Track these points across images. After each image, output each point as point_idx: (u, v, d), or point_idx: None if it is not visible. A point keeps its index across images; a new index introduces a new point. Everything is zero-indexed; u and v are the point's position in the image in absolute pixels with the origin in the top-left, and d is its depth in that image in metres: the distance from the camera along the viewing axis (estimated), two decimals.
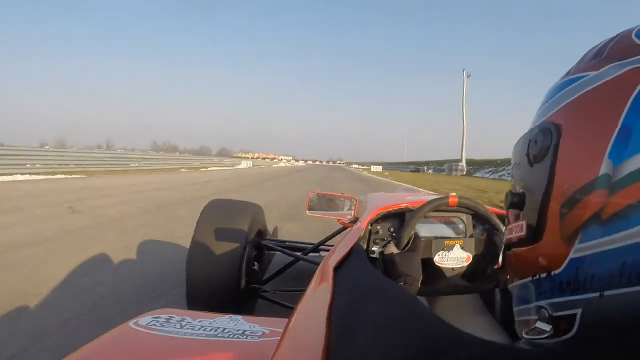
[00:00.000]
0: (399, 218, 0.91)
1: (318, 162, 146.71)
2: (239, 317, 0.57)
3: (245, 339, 0.48)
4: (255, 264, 1.80)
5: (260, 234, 1.90)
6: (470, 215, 0.90)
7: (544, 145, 0.29)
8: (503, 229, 0.83)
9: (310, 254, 2.03)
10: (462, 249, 0.83)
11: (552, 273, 0.27)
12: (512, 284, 0.34)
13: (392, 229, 0.88)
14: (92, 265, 2.55)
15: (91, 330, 1.60)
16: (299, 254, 1.94)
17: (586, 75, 0.28)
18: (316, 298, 0.48)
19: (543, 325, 0.28)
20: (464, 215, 0.90)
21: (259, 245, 1.88)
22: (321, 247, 2.04)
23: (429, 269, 0.83)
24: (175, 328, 0.51)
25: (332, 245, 0.96)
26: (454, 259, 0.82)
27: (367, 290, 0.43)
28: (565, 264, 0.26)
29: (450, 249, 0.82)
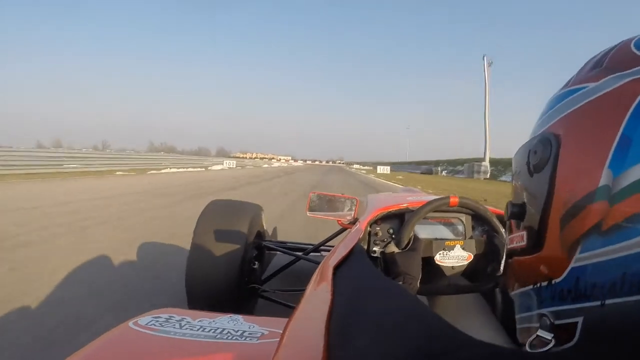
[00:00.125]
0: (399, 219, 0.91)
1: (318, 162, 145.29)
2: (239, 317, 0.57)
3: (244, 340, 0.48)
4: (256, 263, 1.80)
5: (260, 234, 1.89)
6: (469, 216, 0.90)
7: (544, 155, 0.29)
8: (502, 230, 0.83)
9: (310, 254, 2.02)
10: (463, 249, 0.83)
11: (553, 281, 0.27)
12: (514, 292, 0.34)
13: (392, 230, 0.88)
14: None
15: None
16: (299, 254, 1.95)
17: (586, 87, 0.28)
18: (316, 298, 0.48)
19: (544, 334, 0.28)
20: (464, 216, 0.90)
21: (259, 246, 1.88)
22: (321, 248, 2.04)
23: (429, 268, 0.82)
24: (174, 328, 0.51)
25: (332, 247, 0.96)
26: (455, 257, 0.82)
27: (367, 290, 0.43)
28: (566, 273, 0.26)
29: (451, 249, 0.82)
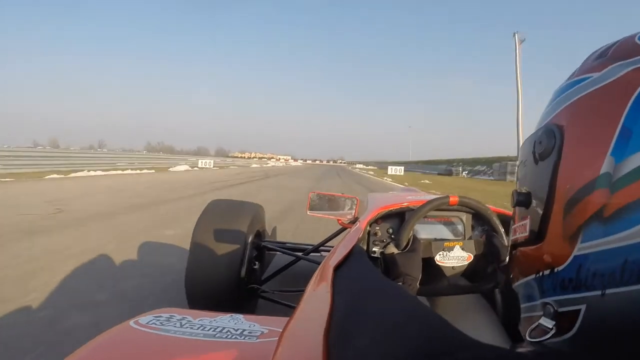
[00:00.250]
0: (399, 218, 0.91)
1: (318, 162, 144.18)
2: (240, 317, 0.57)
3: (244, 339, 0.49)
4: (257, 263, 1.80)
5: (260, 234, 1.90)
6: (469, 215, 0.90)
7: (548, 145, 0.30)
8: (502, 230, 0.83)
9: (310, 254, 2.02)
10: (463, 249, 0.83)
11: (556, 270, 0.27)
12: (518, 282, 0.34)
13: (391, 230, 0.88)
14: None
15: None
16: (299, 254, 1.95)
17: (589, 77, 0.29)
18: (316, 298, 0.48)
19: (547, 322, 0.28)
20: (464, 216, 0.90)
21: (259, 246, 1.88)
22: (321, 248, 2.04)
23: (429, 268, 0.82)
24: (175, 327, 0.51)
25: (332, 247, 0.96)
26: (456, 257, 0.82)
27: (367, 290, 0.43)
28: (568, 261, 0.26)
29: (450, 249, 0.82)
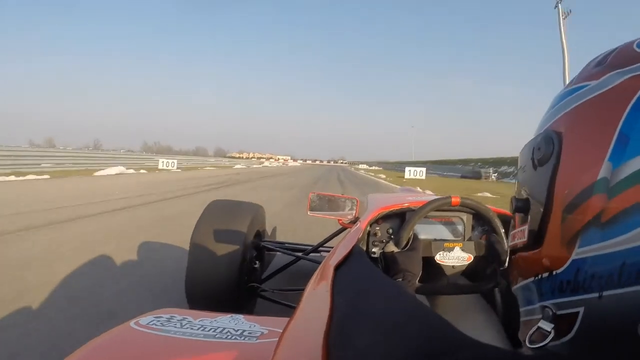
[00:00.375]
0: (400, 218, 0.91)
1: (318, 162, 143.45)
2: (240, 317, 0.57)
3: (244, 340, 0.49)
4: (257, 262, 1.80)
5: (260, 234, 1.90)
6: (470, 216, 0.90)
7: (547, 151, 0.30)
8: (502, 231, 0.83)
9: (310, 254, 2.02)
10: (462, 250, 0.83)
11: (554, 272, 0.27)
12: (517, 285, 0.35)
13: (391, 230, 0.88)
14: None
15: None
16: (299, 254, 1.95)
17: (588, 85, 0.29)
18: (316, 298, 0.48)
19: (545, 325, 0.28)
20: (465, 216, 0.90)
21: (259, 246, 1.88)
22: (320, 249, 2.04)
23: (429, 267, 0.83)
24: (175, 328, 0.51)
25: (332, 247, 0.96)
26: (455, 258, 0.82)
27: (367, 289, 0.43)
28: (566, 265, 0.26)
29: (450, 250, 0.83)
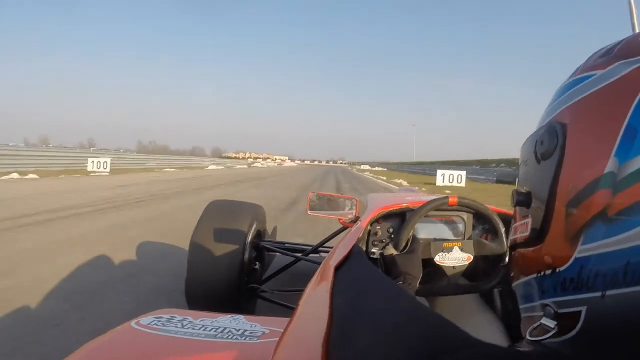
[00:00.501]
0: (399, 218, 0.91)
1: (317, 162, 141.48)
2: (241, 317, 0.57)
3: (245, 339, 0.49)
4: (257, 263, 1.80)
5: (260, 234, 1.90)
6: (470, 215, 0.90)
7: (550, 144, 0.29)
8: (502, 229, 0.83)
9: (310, 255, 2.02)
10: (461, 250, 0.83)
11: (557, 270, 0.27)
12: (517, 282, 0.34)
13: (391, 230, 0.88)
14: None
15: None
16: (299, 254, 1.95)
17: (593, 75, 0.28)
18: (316, 298, 0.48)
19: (548, 322, 0.28)
20: (465, 215, 0.90)
21: (259, 246, 1.88)
22: (320, 249, 2.04)
23: (429, 268, 0.83)
24: (176, 328, 0.51)
25: (332, 247, 0.96)
26: (454, 259, 0.82)
27: (367, 290, 0.43)
28: (570, 262, 0.26)
29: (449, 250, 0.82)
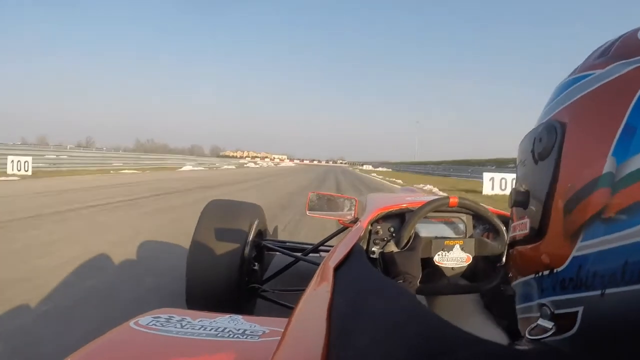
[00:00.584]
0: (399, 218, 0.92)
1: (316, 162, 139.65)
2: (239, 317, 0.57)
3: (246, 338, 0.48)
4: (256, 264, 1.80)
5: (261, 234, 1.90)
6: (470, 216, 0.91)
7: (549, 143, 0.29)
8: (503, 229, 0.83)
9: (310, 254, 2.03)
10: (462, 249, 0.83)
11: (555, 270, 0.27)
12: (515, 282, 0.34)
13: (392, 229, 0.88)
14: None
15: None
16: (299, 254, 1.95)
17: (592, 74, 0.28)
18: (316, 298, 0.48)
19: (545, 323, 0.28)
20: (465, 216, 0.90)
21: (259, 246, 1.88)
22: (321, 248, 2.05)
23: (429, 268, 0.83)
24: (175, 328, 0.51)
25: (332, 246, 0.96)
26: (454, 259, 0.83)
27: (367, 290, 0.43)
28: (567, 262, 0.26)
29: (450, 249, 0.83)
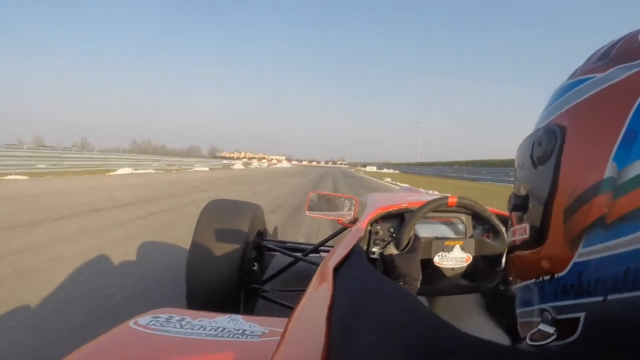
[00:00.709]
0: (399, 218, 0.92)
1: (315, 163, 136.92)
2: (239, 317, 0.57)
3: (246, 338, 0.48)
4: (255, 264, 1.80)
5: (261, 234, 1.90)
6: (470, 216, 0.91)
7: (548, 147, 0.29)
8: (503, 229, 0.83)
9: (310, 254, 2.03)
10: (462, 249, 0.83)
11: (556, 276, 0.27)
12: (515, 286, 0.34)
13: (392, 229, 0.88)
14: None
15: None
16: (299, 254, 1.95)
17: (592, 77, 0.28)
18: (316, 298, 0.48)
19: (547, 328, 0.27)
20: (464, 216, 0.90)
21: (259, 246, 1.88)
22: (321, 248, 2.04)
23: (429, 269, 0.83)
24: (175, 328, 0.51)
25: (332, 246, 0.96)
26: (454, 259, 0.83)
27: (367, 290, 0.43)
28: (568, 268, 0.25)
29: (450, 249, 0.83)
